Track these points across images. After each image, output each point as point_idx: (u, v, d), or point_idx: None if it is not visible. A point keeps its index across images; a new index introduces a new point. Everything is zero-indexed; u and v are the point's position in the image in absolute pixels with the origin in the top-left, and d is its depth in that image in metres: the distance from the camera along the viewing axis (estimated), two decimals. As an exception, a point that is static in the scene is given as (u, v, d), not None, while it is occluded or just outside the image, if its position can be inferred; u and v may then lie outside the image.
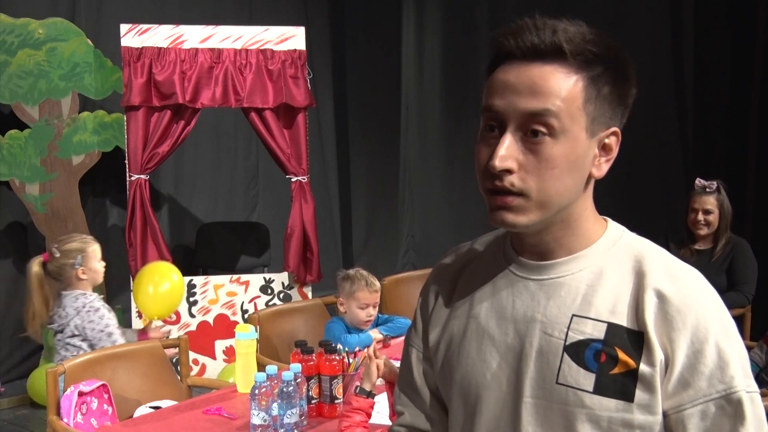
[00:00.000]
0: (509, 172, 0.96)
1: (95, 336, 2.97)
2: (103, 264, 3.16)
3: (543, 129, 0.95)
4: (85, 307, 2.99)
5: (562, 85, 0.94)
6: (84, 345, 2.99)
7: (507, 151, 0.95)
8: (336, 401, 2.32)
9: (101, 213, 5.14)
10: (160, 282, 3.37)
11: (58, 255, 3.04)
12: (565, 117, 0.94)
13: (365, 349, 2.47)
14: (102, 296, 4.53)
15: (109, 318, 3.01)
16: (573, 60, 0.95)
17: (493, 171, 0.95)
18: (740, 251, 3.72)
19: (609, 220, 1.07)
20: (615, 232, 1.05)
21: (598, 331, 0.97)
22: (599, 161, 1.00)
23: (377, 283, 3.09)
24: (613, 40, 0.98)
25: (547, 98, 0.94)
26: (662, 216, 5.99)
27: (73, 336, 2.99)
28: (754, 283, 3.72)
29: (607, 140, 0.99)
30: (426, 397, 1.17)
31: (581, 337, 0.97)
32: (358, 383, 2.01)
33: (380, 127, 6.93)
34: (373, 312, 3.05)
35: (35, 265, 3.04)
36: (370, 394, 1.99)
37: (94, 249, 3.11)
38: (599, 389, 0.96)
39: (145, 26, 4.41)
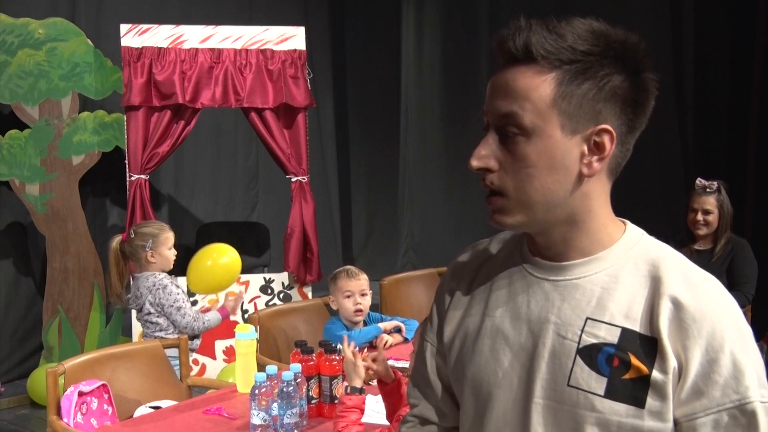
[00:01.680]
0: (489, 171, 0.99)
1: (168, 311, 3.21)
2: (174, 252, 3.32)
3: (515, 129, 0.97)
4: (155, 285, 3.21)
5: (529, 85, 0.96)
6: (161, 321, 3.22)
7: (486, 151, 0.99)
8: (336, 401, 2.31)
9: (101, 213, 5.14)
10: (219, 257, 3.61)
11: (133, 236, 3.26)
12: (533, 116, 0.96)
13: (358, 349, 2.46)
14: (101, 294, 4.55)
15: (177, 294, 3.23)
16: (543, 60, 0.96)
17: (471, 170, 0.99)
18: (740, 251, 3.72)
19: (628, 222, 1.06)
20: (633, 235, 1.04)
21: (611, 336, 0.96)
22: (589, 160, 0.98)
23: (361, 273, 3.14)
24: (613, 37, 0.96)
25: (515, 99, 0.96)
26: (662, 216, 5.98)
27: (150, 314, 3.22)
28: (754, 283, 3.71)
29: (597, 138, 0.98)
30: (438, 391, 1.18)
31: (594, 341, 0.97)
32: (346, 383, 2.01)
33: (380, 127, 6.94)
34: (361, 300, 3.05)
35: (114, 243, 3.28)
36: (361, 391, 1.99)
37: (167, 237, 3.29)
38: (610, 393, 0.95)
39: (145, 26, 4.41)
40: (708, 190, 3.71)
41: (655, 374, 0.94)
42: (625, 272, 1.00)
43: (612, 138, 0.98)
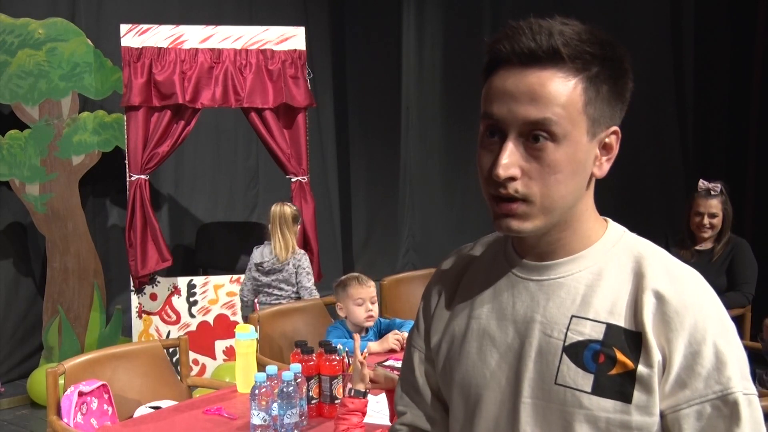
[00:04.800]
0: (513, 179, 0.95)
1: (301, 273, 3.84)
2: None
3: (544, 134, 0.94)
4: (298, 252, 3.89)
5: (561, 91, 0.94)
6: (292, 289, 3.86)
7: (510, 159, 0.95)
8: (336, 401, 2.31)
9: (101, 213, 5.14)
10: None
11: (298, 213, 4.00)
12: (565, 122, 0.94)
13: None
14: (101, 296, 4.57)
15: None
16: (571, 63, 0.94)
17: (497, 180, 0.95)
18: (740, 251, 3.71)
19: (609, 220, 1.07)
20: (615, 232, 1.05)
21: (596, 332, 0.97)
22: (600, 161, 1.00)
23: (369, 280, 3.12)
24: (608, 36, 0.97)
25: (547, 106, 0.94)
26: (662, 216, 5.99)
27: (287, 281, 3.85)
28: (754, 283, 3.71)
29: (607, 140, 0.99)
30: (427, 398, 1.17)
31: (580, 338, 0.98)
32: (350, 385, 2.00)
33: (380, 127, 6.94)
34: (372, 307, 3.03)
35: (293, 209, 3.94)
36: (365, 394, 1.99)
37: None
38: (597, 390, 0.96)
39: (145, 26, 4.41)
40: (713, 192, 3.68)
41: (641, 368, 0.94)
42: (608, 269, 1.00)
43: (618, 137, 1.00)
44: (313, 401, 2.34)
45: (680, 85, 6.32)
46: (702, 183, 3.74)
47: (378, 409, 2.25)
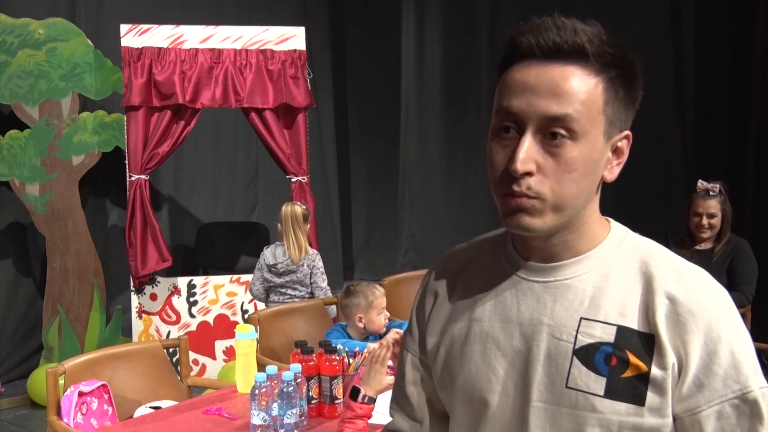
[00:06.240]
0: (529, 174, 0.94)
1: (316, 273, 3.84)
2: None
3: (563, 132, 0.93)
4: (312, 252, 3.90)
5: (583, 88, 0.93)
6: (306, 290, 3.86)
7: (527, 154, 0.93)
8: (336, 401, 2.32)
9: (101, 213, 5.14)
10: None
11: (308, 213, 3.96)
12: (585, 120, 0.93)
13: (366, 352, 2.45)
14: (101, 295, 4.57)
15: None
16: (594, 61, 0.93)
17: (514, 174, 0.93)
18: (740, 251, 3.71)
19: (611, 220, 1.06)
20: (619, 232, 1.04)
21: (607, 334, 0.96)
22: (611, 165, 0.99)
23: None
24: (623, 43, 0.97)
25: (569, 102, 0.92)
26: (662, 216, 5.98)
27: (302, 277, 3.83)
28: (754, 283, 3.71)
29: (620, 144, 0.99)
30: (414, 403, 1.17)
31: (591, 341, 0.96)
32: (363, 391, 1.97)
33: (380, 127, 6.94)
34: (387, 314, 3.07)
35: (302, 209, 3.93)
36: (375, 401, 1.98)
37: None
38: (610, 393, 0.95)
39: (145, 26, 4.41)
40: (711, 193, 3.69)
41: (654, 371, 0.94)
42: (614, 270, 0.99)
43: (629, 142, 1.00)
44: (313, 401, 2.34)
45: (680, 85, 6.31)
46: (701, 183, 3.74)
47: (378, 409, 2.24)
